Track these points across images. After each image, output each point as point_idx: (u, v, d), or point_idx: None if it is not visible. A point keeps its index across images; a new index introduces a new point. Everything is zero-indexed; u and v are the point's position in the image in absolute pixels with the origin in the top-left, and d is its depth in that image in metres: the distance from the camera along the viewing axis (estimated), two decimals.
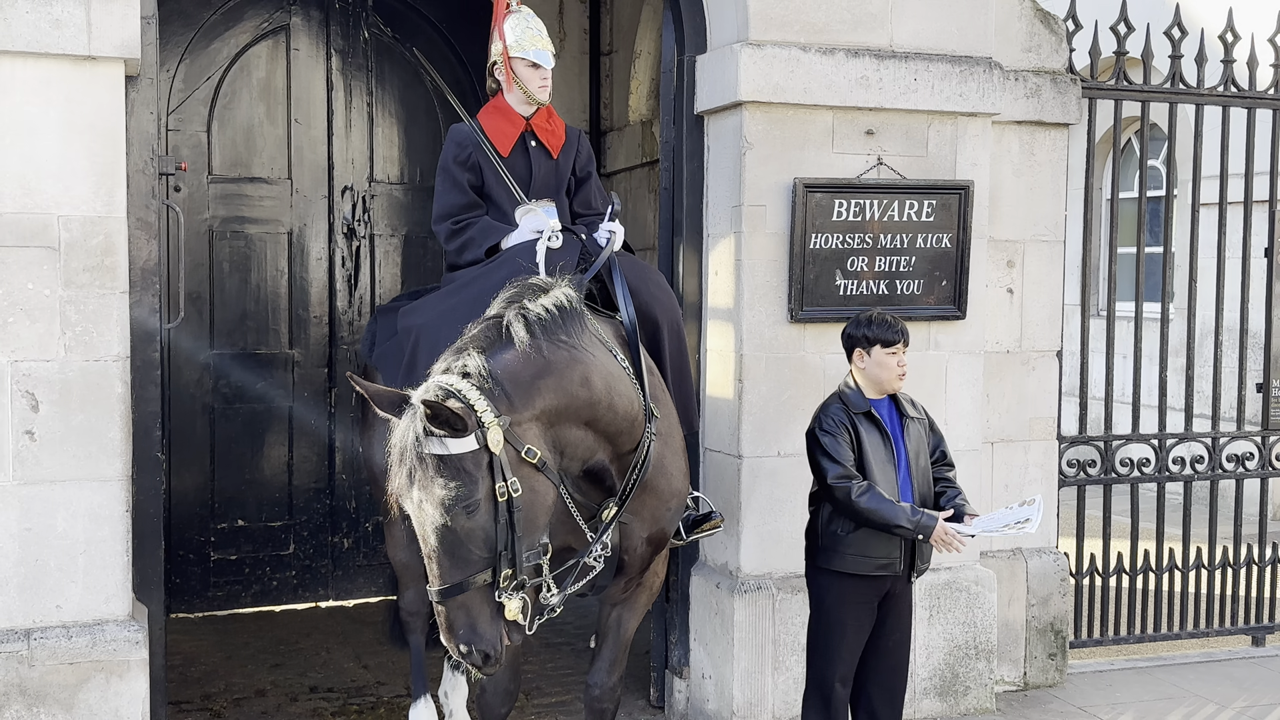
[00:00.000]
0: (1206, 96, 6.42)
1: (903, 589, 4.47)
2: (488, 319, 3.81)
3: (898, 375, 4.39)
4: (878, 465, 4.33)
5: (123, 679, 4.43)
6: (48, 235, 4.34)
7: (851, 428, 4.34)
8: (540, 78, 4.66)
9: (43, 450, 4.37)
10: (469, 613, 3.46)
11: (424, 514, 3.44)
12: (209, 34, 6.93)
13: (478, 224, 4.60)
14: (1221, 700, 5.87)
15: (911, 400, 4.55)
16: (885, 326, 4.38)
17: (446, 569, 3.45)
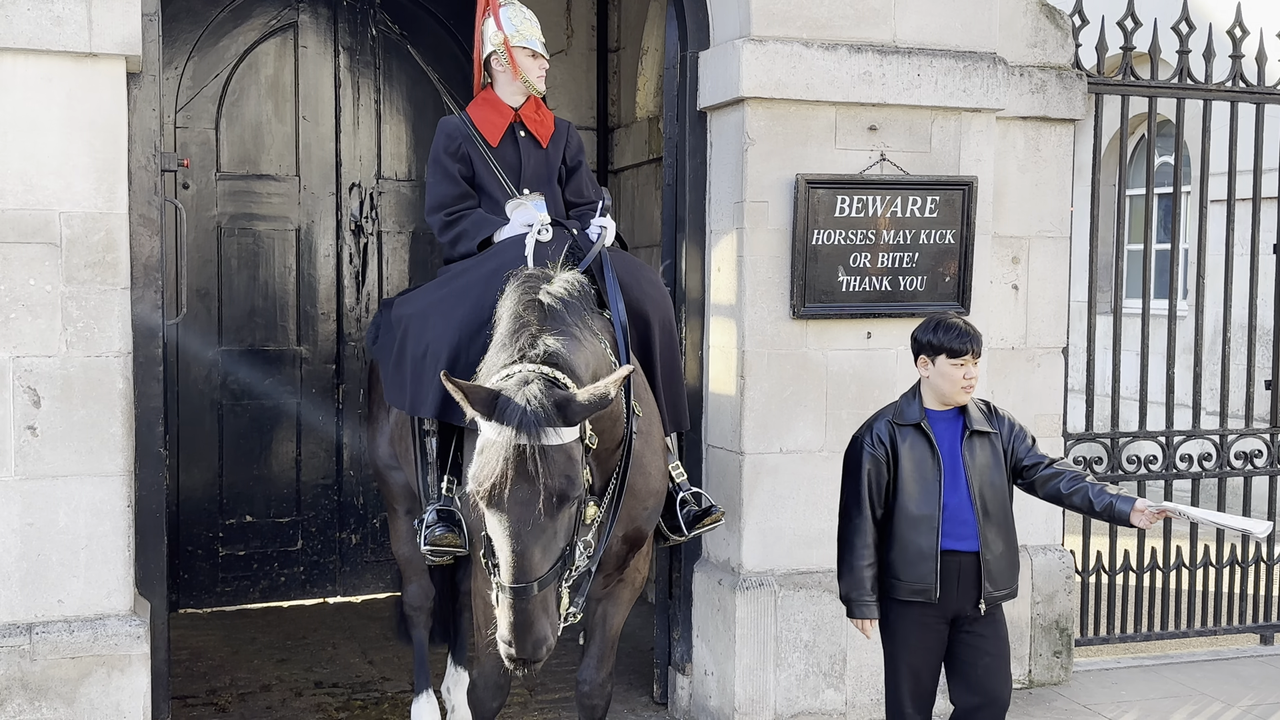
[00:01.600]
0: (1214, 92, 6.38)
1: (973, 613, 4.11)
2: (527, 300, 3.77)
3: (961, 388, 4.06)
4: (918, 484, 4.05)
5: (124, 673, 4.45)
6: (49, 231, 4.37)
7: (892, 444, 4.08)
8: (539, 67, 4.71)
9: (45, 446, 4.39)
10: (545, 608, 3.42)
11: (527, 508, 3.37)
12: (217, 32, 6.95)
13: (471, 216, 4.62)
14: (1228, 698, 5.83)
15: (992, 411, 4.18)
16: (954, 334, 4.05)
17: (536, 562, 3.40)
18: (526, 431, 3.36)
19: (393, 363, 4.53)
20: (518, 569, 3.39)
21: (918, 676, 4.18)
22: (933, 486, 4.06)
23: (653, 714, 5.61)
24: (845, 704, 5.37)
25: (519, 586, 3.38)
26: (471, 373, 4.19)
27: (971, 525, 4.08)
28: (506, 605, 3.40)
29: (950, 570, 4.07)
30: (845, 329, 5.33)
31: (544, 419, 3.38)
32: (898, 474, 4.08)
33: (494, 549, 3.47)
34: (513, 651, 3.42)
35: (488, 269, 4.36)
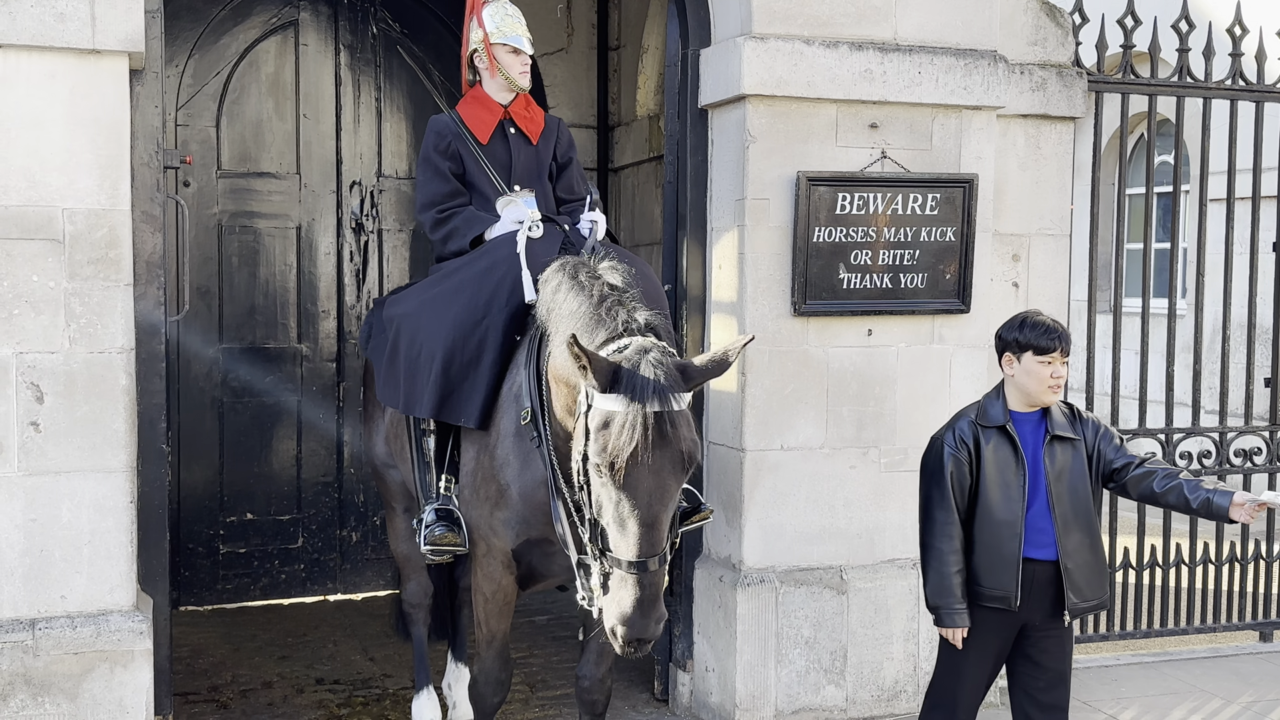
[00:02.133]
0: (1214, 90, 6.39)
1: (1043, 622, 4.03)
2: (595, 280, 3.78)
3: (1049, 387, 3.94)
4: (1001, 488, 3.95)
5: (127, 669, 4.46)
6: (52, 228, 4.37)
7: (975, 446, 3.97)
8: (521, 63, 4.70)
9: (48, 441, 4.40)
10: (661, 582, 3.41)
11: (659, 476, 3.36)
12: (218, 30, 6.96)
13: (462, 214, 4.63)
14: (1227, 695, 5.85)
15: (1076, 415, 4.07)
16: (1041, 330, 3.93)
17: (662, 534, 3.40)
18: (659, 398, 3.35)
19: (385, 362, 4.53)
20: (647, 542, 3.35)
21: (977, 680, 4.12)
22: (1016, 491, 3.94)
23: (654, 711, 5.62)
24: (846, 700, 5.38)
25: (646, 560, 3.34)
26: (466, 371, 4.21)
27: (1049, 533, 3.97)
28: (632, 583, 3.34)
29: (1028, 578, 3.97)
30: (846, 326, 5.34)
31: (673, 385, 3.39)
32: (980, 477, 3.96)
33: (614, 525, 3.39)
34: (634, 632, 3.35)
35: (479, 267, 4.37)
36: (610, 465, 3.34)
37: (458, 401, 4.23)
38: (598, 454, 3.37)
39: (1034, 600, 4.00)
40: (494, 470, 4.16)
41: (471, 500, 4.27)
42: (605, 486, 3.39)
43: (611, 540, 3.41)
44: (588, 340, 3.59)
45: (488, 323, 4.24)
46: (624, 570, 3.36)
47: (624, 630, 3.37)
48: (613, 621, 3.40)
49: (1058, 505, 3.95)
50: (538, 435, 4.00)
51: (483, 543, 4.25)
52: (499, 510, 4.15)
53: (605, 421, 3.37)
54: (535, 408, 4.01)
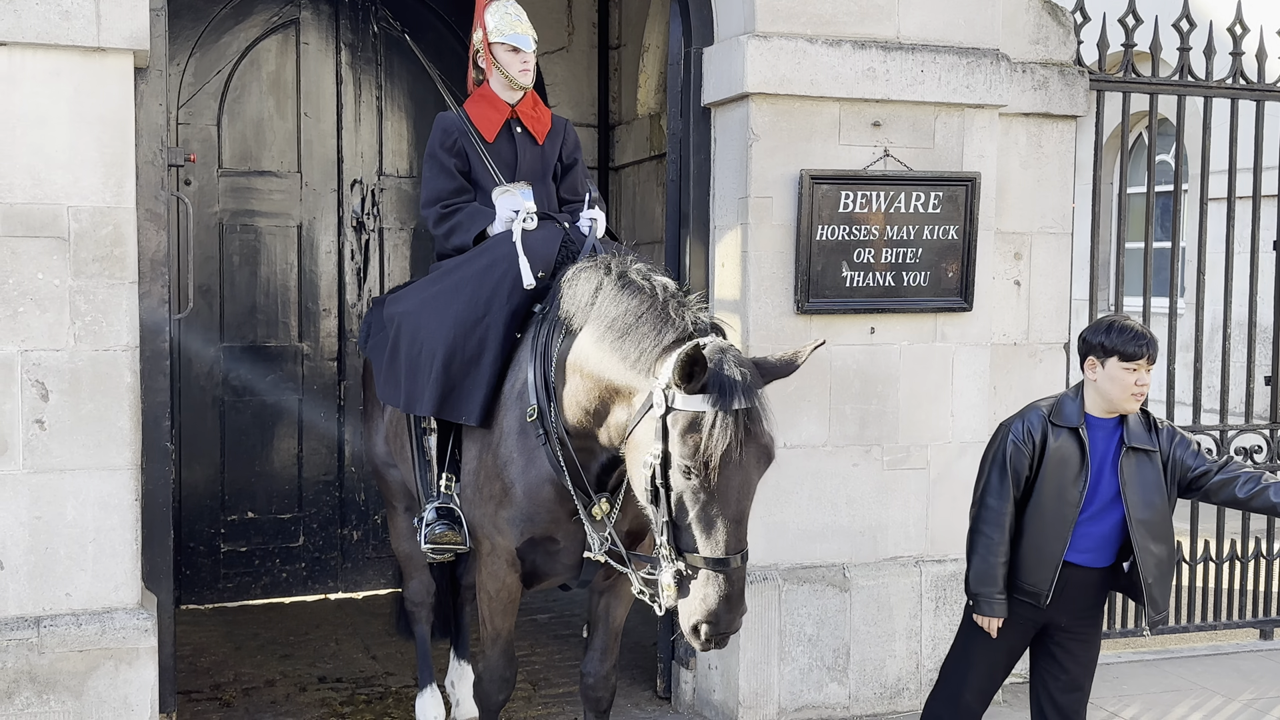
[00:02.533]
0: (1215, 89, 6.41)
1: (1070, 622, 4.04)
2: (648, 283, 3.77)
3: (1132, 395, 3.83)
4: (1058, 487, 3.89)
5: (131, 666, 4.46)
6: (57, 225, 4.37)
7: (1042, 441, 3.90)
8: (521, 61, 4.67)
9: (53, 439, 4.40)
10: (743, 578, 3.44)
11: (746, 473, 3.41)
12: (219, 28, 6.96)
13: (466, 209, 4.62)
14: (1228, 693, 5.86)
15: (1155, 427, 3.94)
16: (1128, 336, 3.82)
17: (745, 531, 3.44)
18: (744, 396, 3.37)
19: (386, 360, 4.53)
20: (734, 539, 3.39)
21: (993, 671, 4.12)
22: (1073, 494, 3.88)
23: (657, 708, 5.62)
24: (849, 698, 5.38)
25: (734, 556, 3.38)
26: (467, 369, 4.20)
27: (1101, 540, 3.95)
28: (720, 580, 3.36)
29: (1064, 581, 3.94)
30: (849, 324, 5.35)
31: (755, 382, 3.42)
32: (1040, 472, 3.90)
33: (699, 524, 3.39)
34: (720, 629, 3.39)
35: (479, 265, 4.37)
36: (704, 465, 3.35)
37: (458, 399, 4.23)
38: (688, 456, 3.36)
39: (1065, 602, 3.98)
40: (498, 468, 4.17)
41: (474, 499, 4.27)
42: (692, 487, 3.39)
43: (697, 540, 3.40)
44: (655, 340, 3.58)
45: (488, 320, 4.24)
46: (711, 569, 3.38)
47: (709, 628, 3.40)
48: (698, 618, 3.41)
49: (1135, 516, 3.87)
50: (544, 433, 4.00)
51: (487, 541, 4.25)
52: (503, 509, 4.16)
53: (693, 423, 3.37)
54: (542, 405, 4.01)
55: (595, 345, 3.79)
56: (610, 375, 3.71)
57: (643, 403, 3.54)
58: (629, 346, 3.65)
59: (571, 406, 3.88)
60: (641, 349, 3.60)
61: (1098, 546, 3.96)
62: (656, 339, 3.60)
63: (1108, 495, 3.91)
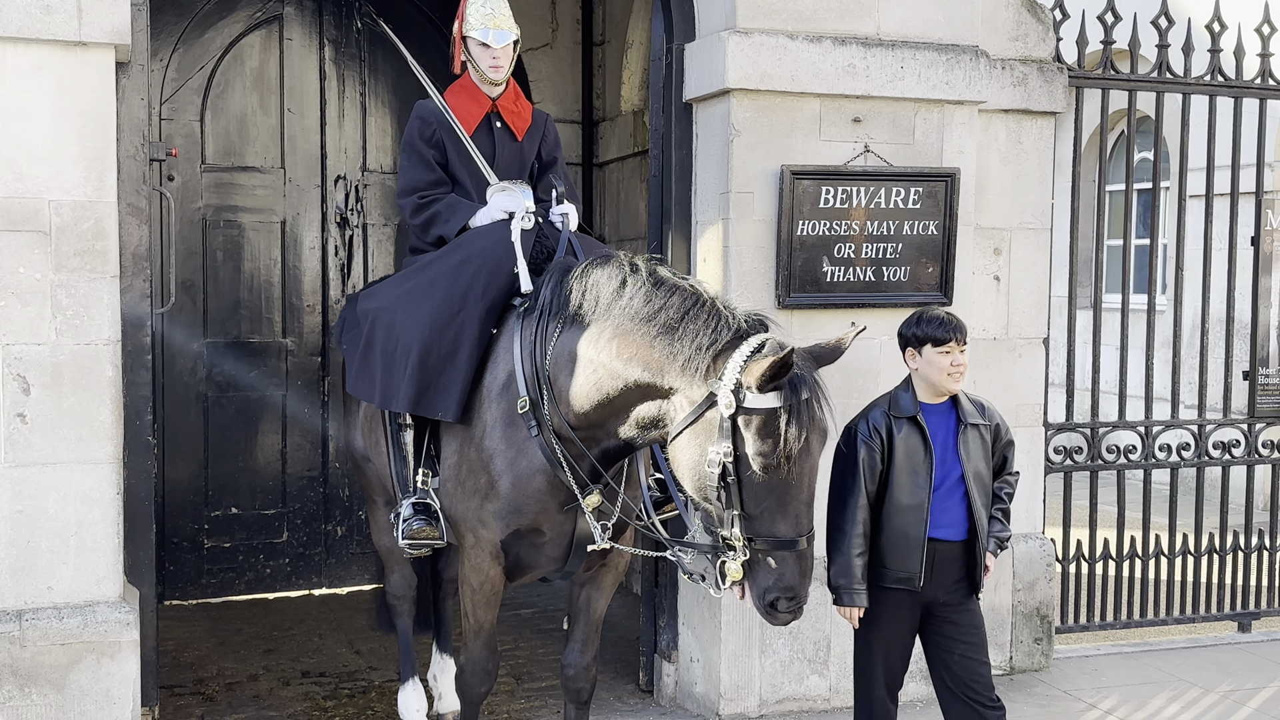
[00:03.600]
0: (1193, 86, 6.45)
1: (948, 598, 4.20)
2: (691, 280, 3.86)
3: (949, 375, 4.11)
4: (910, 474, 4.11)
5: (114, 660, 4.47)
6: (39, 219, 4.38)
7: (887, 435, 4.13)
8: (490, 57, 4.65)
9: (34, 433, 4.41)
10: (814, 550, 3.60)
11: (815, 458, 3.57)
12: (202, 23, 6.96)
13: (444, 200, 4.62)
14: (1206, 684, 5.91)
15: (982, 406, 4.28)
16: (936, 324, 4.13)
17: (814, 508, 3.60)
18: (810, 390, 3.52)
19: (359, 356, 4.53)
20: (805, 519, 3.55)
21: (890, 659, 4.28)
22: (923, 478, 4.12)
23: (639, 701, 5.65)
24: (829, 689, 5.42)
25: (808, 534, 3.55)
26: (443, 365, 4.21)
27: (959, 514, 4.17)
28: (795, 557, 3.51)
29: (931, 557, 4.15)
30: (830, 319, 5.37)
31: (813, 370, 3.58)
32: (891, 464, 4.13)
33: (774, 510, 3.51)
34: (797, 602, 3.54)
35: (455, 260, 4.37)
36: (784, 459, 3.46)
37: (435, 395, 4.23)
38: (768, 453, 3.46)
39: (938, 578, 4.18)
40: (482, 462, 4.18)
41: (456, 493, 4.28)
42: (769, 480, 3.49)
43: (774, 524, 3.52)
44: (711, 338, 3.62)
45: (464, 316, 4.25)
46: (788, 549, 3.52)
47: (787, 602, 3.55)
48: (776, 594, 3.54)
49: (973, 489, 4.16)
50: (537, 424, 4.02)
51: (470, 534, 4.26)
52: (488, 502, 4.17)
53: (769, 420, 3.46)
54: (534, 397, 4.03)
55: (624, 340, 3.78)
56: (645, 371, 3.72)
57: (693, 399, 3.59)
58: (680, 344, 3.65)
59: (585, 397, 3.89)
60: (697, 345, 3.62)
61: (955, 521, 4.17)
62: (713, 337, 3.62)
63: (955, 472, 4.16)
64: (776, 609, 3.55)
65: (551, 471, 4.04)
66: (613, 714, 5.45)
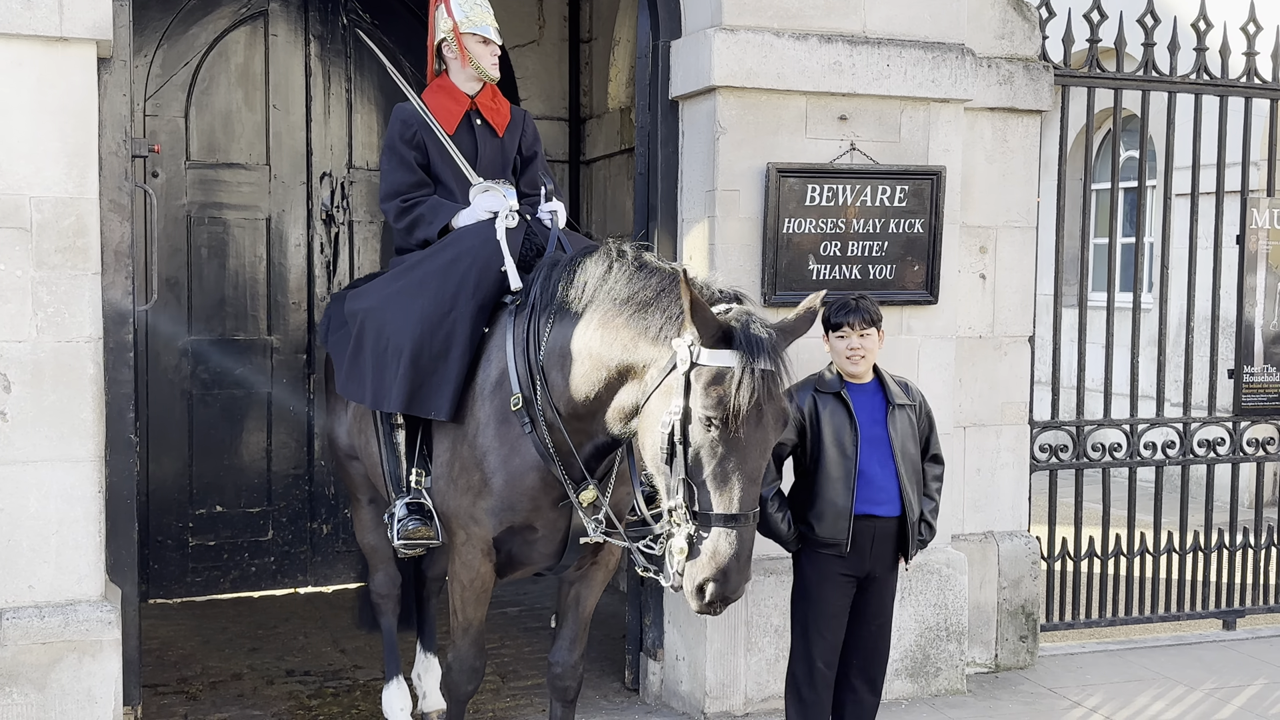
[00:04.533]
0: (1179, 84, 6.46)
1: (882, 573, 4.44)
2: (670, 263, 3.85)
3: (847, 358, 4.34)
4: (837, 448, 4.30)
5: (95, 659, 4.44)
6: (19, 216, 4.35)
7: (812, 410, 4.32)
8: (491, 53, 4.68)
9: (15, 431, 4.38)
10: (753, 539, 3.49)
11: (763, 432, 3.46)
12: (187, 19, 6.93)
13: (427, 202, 4.61)
14: (1191, 682, 5.92)
15: (906, 386, 4.50)
16: (837, 309, 4.34)
17: (758, 490, 3.51)
18: (768, 357, 3.45)
19: (349, 357, 4.51)
20: (749, 496, 3.45)
21: (825, 631, 4.42)
22: (850, 450, 4.30)
23: (624, 699, 5.64)
24: None
25: (746, 514, 3.44)
26: (434, 365, 4.21)
27: (892, 492, 4.35)
28: (732, 537, 3.41)
29: (866, 533, 4.35)
30: None
31: (779, 346, 3.52)
32: (819, 439, 4.31)
33: (714, 481, 3.44)
34: (726, 589, 3.42)
35: (444, 259, 4.36)
36: (726, 419, 3.40)
37: (427, 395, 4.22)
38: (712, 407, 3.40)
39: (876, 553, 4.38)
40: (475, 459, 4.16)
41: (449, 491, 4.26)
42: (712, 441, 3.43)
43: (711, 496, 3.45)
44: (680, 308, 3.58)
45: (455, 315, 4.24)
46: (723, 525, 3.43)
47: (715, 587, 3.43)
48: (704, 575, 3.44)
49: (902, 466, 4.35)
50: (530, 421, 4.01)
51: (462, 531, 4.25)
52: (481, 499, 4.15)
53: (718, 375, 3.42)
54: (527, 394, 4.02)
55: (607, 325, 3.79)
56: (624, 352, 3.72)
57: (661, 367, 3.58)
58: (651, 317, 3.67)
59: (574, 389, 3.88)
60: (667, 316, 3.62)
61: (889, 499, 4.36)
62: (683, 305, 3.60)
63: (884, 450, 4.34)
64: (702, 593, 3.46)
65: (545, 468, 4.03)
66: (598, 712, 5.45)
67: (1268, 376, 6.73)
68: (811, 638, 4.43)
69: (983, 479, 5.99)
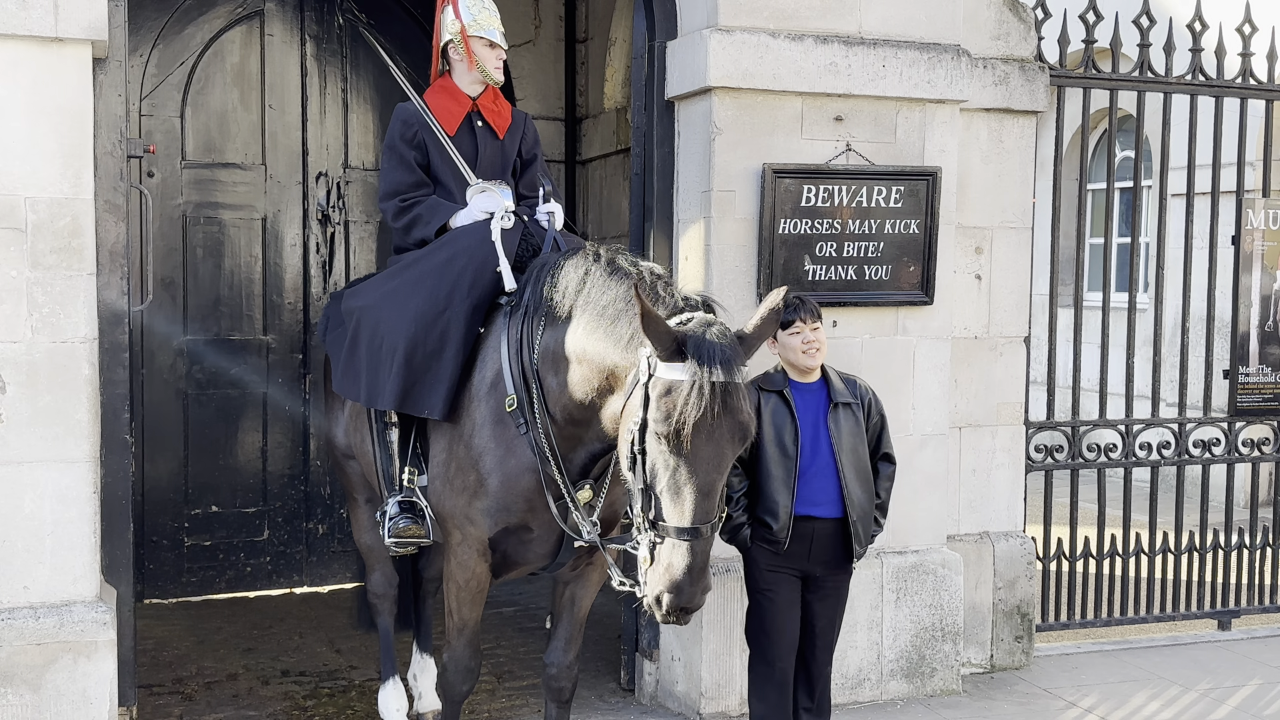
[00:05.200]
0: (1174, 85, 6.47)
1: (825, 573, 4.42)
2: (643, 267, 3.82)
3: (803, 352, 4.32)
4: (778, 445, 4.29)
5: (90, 660, 4.44)
6: (14, 217, 4.34)
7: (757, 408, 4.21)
8: (497, 57, 4.70)
9: (10, 431, 4.37)
10: (709, 551, 3.45)
11: (718, 445, 3.42)
12: (183, 19, 6.92)
13: (425, 202, 4.62)
14: (1186, 682, 5.93)
15: (853, 384, 4.47)
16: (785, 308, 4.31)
17: (716, 503, 3.46)
18: (724, 368, 3.41)
19: (345, 355, 4.52)
20: (701, 509, 3.41)
21: (777, 629, 4.41)
22: (791, 449, 4.30)
23: (620, 700, 5.64)
24: None
25: (699, 527, 3.40)
26: (429, 363, 4.21)
27: (834, 493, 4.34)
28: (684, 549, 3.39)
29: (807, 534, 4.33)
30: None
31: (736, 357, 3.46)
32: (760, 436, 4.25)
33: (668, 493, 3.43)
34: (681, 600, 3.39)
35: (440, 258, 4.36)
36: (675, 432, 3.39)
37: (421, 393, 4.23)
38: (660, 421, 3.40)
39: (817, 553, 4.37)
40: (471, 460, 4.17)
41: (444, 491, 4.27)
42: (664, 453, 3.43)
43: (665, 508, 3.44)
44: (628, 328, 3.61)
45: (449, 314, 4.25)
46: (675, 538, 3.41)
47: (670, 598, 3.41)
48: (660, 588, 3.43)
49: (845, 466, 4.33)
50: (524, 422, 4.01)
51: (457, 531, 4.26)
52: (477, 499, 4.16)
53: (669, 388, 3.41)
54: (521, 396, 4.02)
55: (589, 333, 3.80)
56: (607, 359, 3.73)
57: (633, 377, 3.57)
58: (622, 328, 3.68)
59: (569, 394, 3.88)
60: (635, 327, 3.61)
61: (831, 499, 4.34)
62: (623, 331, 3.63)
63: (826, 450, 4.33)
64: (660, 604, 3.45)
65: (540, 469, 4.04)
66: (594, 713, 5.45)
67: (1263, 377, 6.74)
68: (763, 636, 4.44)
69: (978, 480, 5.99)
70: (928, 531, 5.64)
